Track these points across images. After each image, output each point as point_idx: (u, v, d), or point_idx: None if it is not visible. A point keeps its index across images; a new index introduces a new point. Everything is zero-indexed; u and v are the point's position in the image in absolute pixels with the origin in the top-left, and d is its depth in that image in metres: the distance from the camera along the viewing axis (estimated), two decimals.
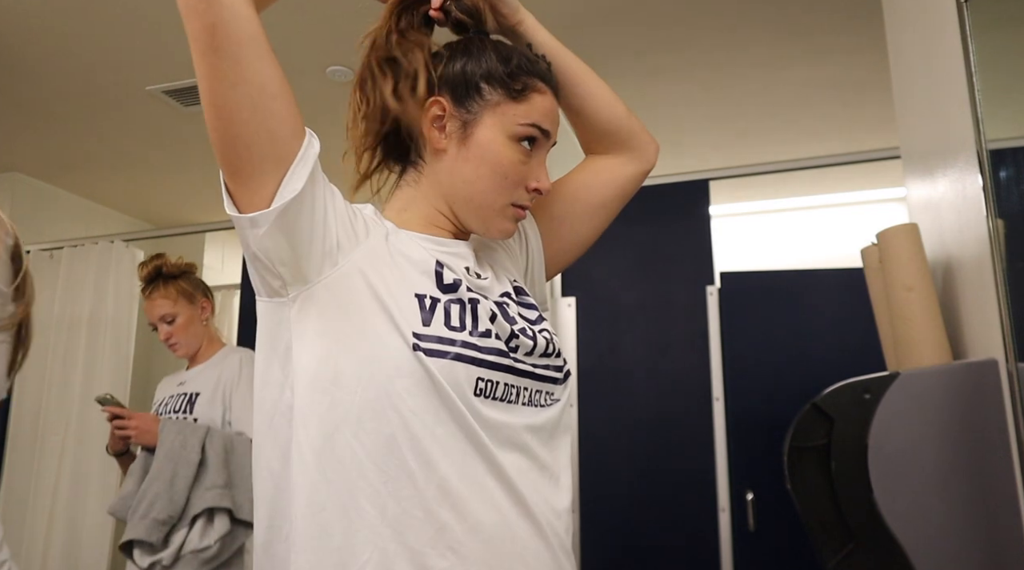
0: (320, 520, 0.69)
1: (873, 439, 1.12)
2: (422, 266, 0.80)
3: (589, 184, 1.04)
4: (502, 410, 0.76)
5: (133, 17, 2.42)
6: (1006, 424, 1.09)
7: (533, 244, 1.00)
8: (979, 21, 1.21)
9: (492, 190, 0.82)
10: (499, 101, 0.82)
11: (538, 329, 0.86)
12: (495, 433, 0.74)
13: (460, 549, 0.69)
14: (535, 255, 1.01)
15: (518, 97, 0.82)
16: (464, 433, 0.72)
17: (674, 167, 3.77)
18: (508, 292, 0.89)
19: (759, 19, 2.46)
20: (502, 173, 0.81)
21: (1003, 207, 1.16)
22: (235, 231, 0.76)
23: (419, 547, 0.68)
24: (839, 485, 1.14)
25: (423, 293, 0.76)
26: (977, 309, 1.23)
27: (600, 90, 1.00)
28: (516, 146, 0.82)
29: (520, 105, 0.82)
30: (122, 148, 3.47)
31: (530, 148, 0.82)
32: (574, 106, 1.01)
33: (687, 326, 2.38)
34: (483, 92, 0.82)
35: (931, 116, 1.46)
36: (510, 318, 0.83)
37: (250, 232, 0.71)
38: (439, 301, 0.77)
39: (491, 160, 0.81)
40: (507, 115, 0.82)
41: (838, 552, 1.13)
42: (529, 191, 0.84)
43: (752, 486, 2.16)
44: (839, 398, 1.17)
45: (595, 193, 1.03)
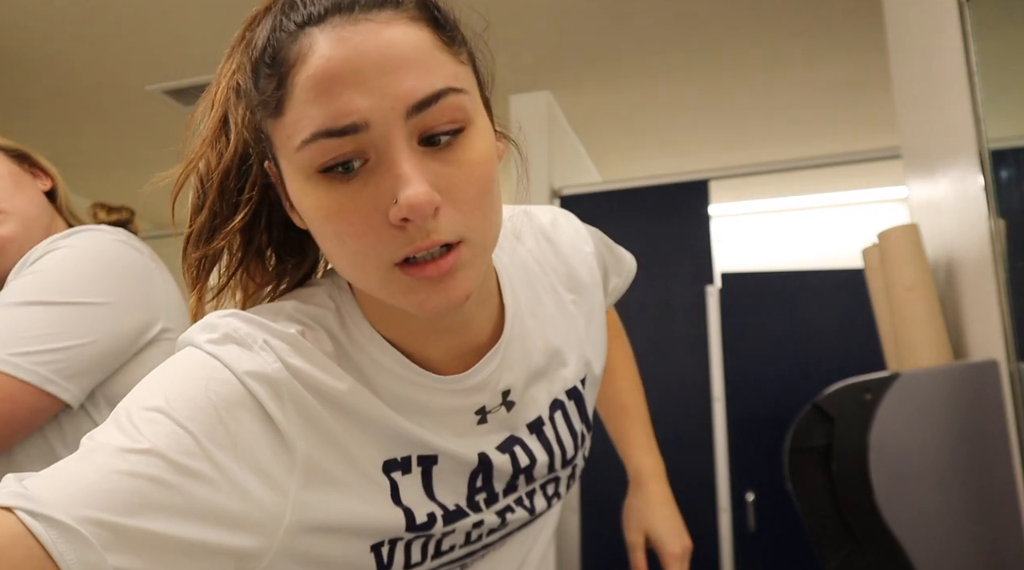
0: None
1: (874, 440, 1.12)
2: (373, 486, 0.53)
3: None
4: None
5: (133, 17, 2.42)
6: (1006, 424, 1.09)
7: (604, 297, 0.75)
8: (979, 21, 1.21)
9: (349, 264, 0.48)
10: (272, 126, 0.48)
11: (548, 482, 0.66)
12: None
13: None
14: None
15: (276, 104, 0.46)
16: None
17: (674, 167, 3.78)
18: (534, 423, 0.64)
19: (759, 19, 2.46)
20: (334, 235, 0.47)
21: (1004, 207, 1.16)
22: None
23: None
24: (840, 486, 1.13)
25: (379, 542, 0.54)
26: (978, 309, 1.22)
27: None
28: (322, 183, 0.46)
29: (285, 117, 0.46)
30: (122, 148, 3.47)
31: (346, 172, 0.45)
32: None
33: (687, 326, 2.38)
34: (258, 122, 0.50)
35: (931, 116, 1.46)
36: (510, 503, 0.63)
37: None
38: (399, 542, 0.55)
39: (316, 225, 0.48)
40: (285, 144, 0.47)
41: (838, 553, 1.13)
42: (399, 227, 0.45)
43: (752, 486, 2.16)
44: (840, 399, 1.17)
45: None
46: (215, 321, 0.50)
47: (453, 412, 0.58)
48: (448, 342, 0.56)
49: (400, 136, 0.44)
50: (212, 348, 0.49)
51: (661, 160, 3.74)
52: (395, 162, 0.44)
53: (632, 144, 3.57)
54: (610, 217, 2.58)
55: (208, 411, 0.46)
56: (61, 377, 0.80)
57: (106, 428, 0.46)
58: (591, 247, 0.73)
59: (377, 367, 0.54)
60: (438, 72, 0.45)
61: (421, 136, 0.45)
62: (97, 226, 0.92)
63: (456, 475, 0.58)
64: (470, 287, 0.48)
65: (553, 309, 0.67)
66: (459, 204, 0.46)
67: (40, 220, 0.97)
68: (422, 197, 0.43)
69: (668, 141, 3.53)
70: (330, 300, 0.56)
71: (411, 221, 0.44)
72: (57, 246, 0.86)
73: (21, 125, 3.15)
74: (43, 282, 0.83)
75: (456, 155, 0.46)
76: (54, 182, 1.03)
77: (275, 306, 0.54)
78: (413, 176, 0.44)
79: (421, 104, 0.44)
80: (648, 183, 2.59)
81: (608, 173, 3.84)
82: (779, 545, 2.10)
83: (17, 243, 0.92)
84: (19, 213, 0.94)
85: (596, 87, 2.93)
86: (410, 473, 0.55)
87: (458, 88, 0.46)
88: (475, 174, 0.47)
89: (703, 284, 2.40)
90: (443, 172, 0.46)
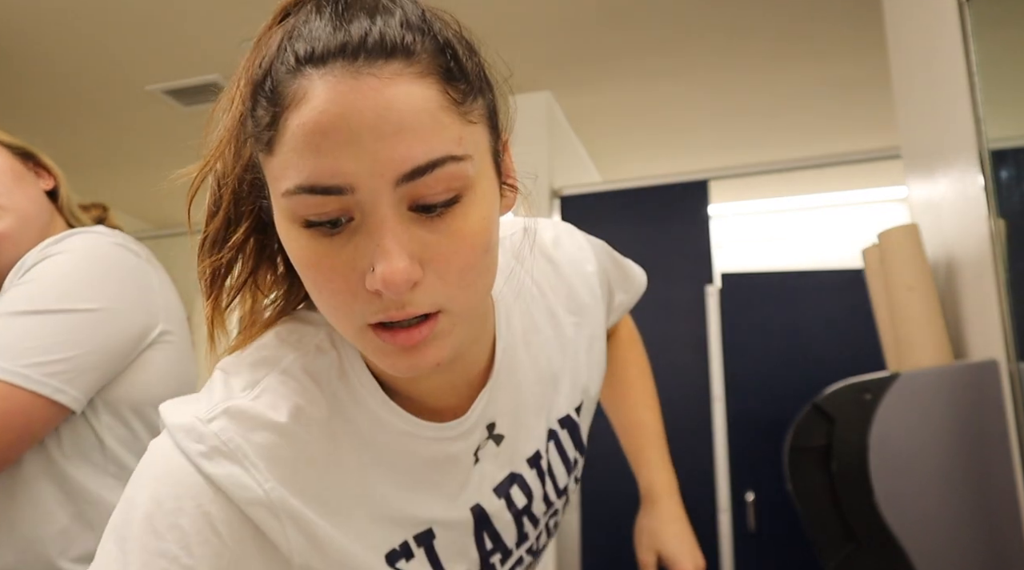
0: None
1: (874, 439, 1.12)
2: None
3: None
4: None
5: (133, 17, 2.42)
6: (1006, 424, 1.09)
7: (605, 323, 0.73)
8: (979, 21, 1.21)
9: (325, 312, 0.47)
10: (264, 159, 0.45)
11: (540, 513, 0.65)
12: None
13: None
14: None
15: (268, 140, 0.43)
16: None
17: (674, 167, 3.78)
18: (533, 458, 0.63)
19: (759, 19, 2.46)
20: (312, 284, 0.46)
21: (1004, 207, 1.16)
22: None
23: None
24: (839, 486, 1.13)
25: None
26: (978, 309, 1.23)
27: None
28: (304, 234, 0.44)
29: (274, 157, 0.43)
30: (122, 148, 3.47)
31: (332, 228, 0.43)
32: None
33: (687, 326, 2.38)
34: (253, 147, 0.47)
35: (931, 116, 1.46)
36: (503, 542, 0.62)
37: None
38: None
39: (297, 267, 0.46)
40: (273, 182, 0.45)
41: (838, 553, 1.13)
42: (375, 293, 0.43)
43: (752, 486, 2.16)
44: (839, 398, 1.17)
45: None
46: (204, 430, 0.47)
47: (453, 460, 0.56)
48: (440, 379, 0.55)
49: (388, 203, 0.41)
50: (205, 466, 0.46)
51: (661, 160, 3.74)
52: (378, 230, 0.42)
53: (632, 144, 3.57)
54: (610, 217, 2.58)
55: (212, 542, 0.45)
56: (70, 387, 0.81)
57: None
58: (594, 266, 0.70)
59: (374, 422, 0.52)
60: (438, 138, 0.42)
61: (412, 203, 0.42)
62: (92, 229, 0.92)
63: (461, 541, 0.56)
64: (444, 355, 0.46)
65: (550, 334, 0.65)
66: (443, 275, 0.44)
67: (38, 218, 0.96)
68: (398, 276, 0.41)
69: (668, 141, 3.53)
70: (329, 337, 0.54)
71: (381, 295, 0.43)
72: (52, 252, 0.86)
73: (21, 125, 3.15)
74: (42, 290, 0.83)
75: (448, 224, 0.43)
76: (57, 182, 1.02)
77: (270, 359, 0.52)
78: (393, 250, 0.41)
79: (414, 173, 0.41)
80: (648, 183, 2.59)
81: (608, 173, 3.84)
82: (779, 545, 2.11)
83: (13, 240, 0.92)
84: (16, 209, 0.93)
85: (596, 87, 2.93)
86: (414, 558, 0.54)
87: (458, 156, 0.42)
88: (465, 245, 0.44)
89: (703, 284, 2.40)
90: (431, 241, 0.43)
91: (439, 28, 0.45)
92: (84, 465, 0.87)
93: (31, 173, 0.99)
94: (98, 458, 0.88)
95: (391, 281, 0.41)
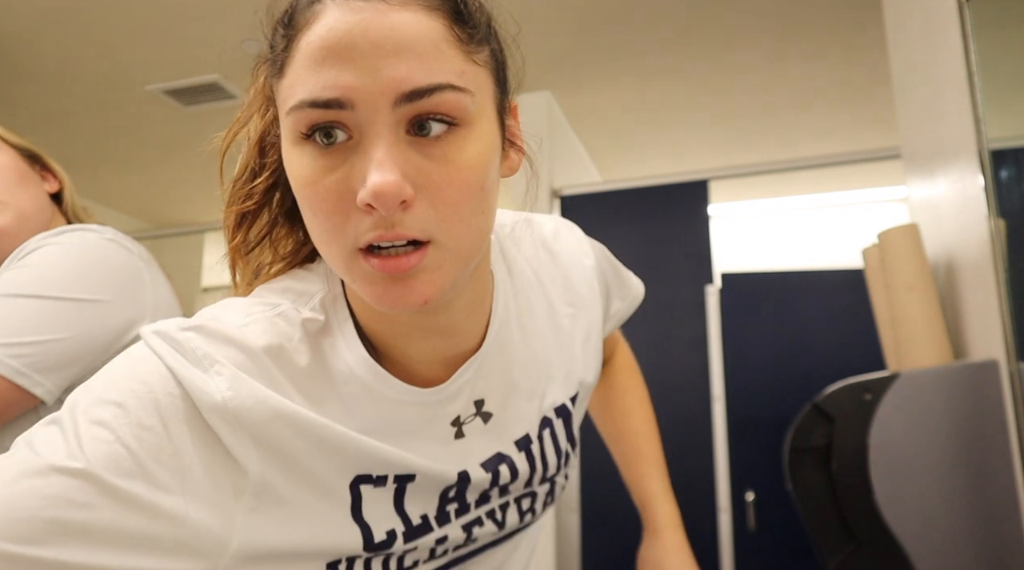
0: None
1: (874, 439, 1.12)
2: (332, 503, 0.51)
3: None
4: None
5: (133, 17, 2.42)
6: (1006, 424, 1.09)
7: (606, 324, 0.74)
8: (979, 21, 1.21)
9: (319, 240, 0.47)
10: (276, 86, 0.48)
11: (525, 495, 0.65)
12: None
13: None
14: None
15: (280, 64, 0.46)
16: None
17: (674, 167, 3.78)
18: (522, 440, 0.63)
19: (759, 19, 2.46)
20: (307, 206, 0.46)
21: (1004, 207, 1.16)
22: None
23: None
24: (839, 485, 1.13)
25: (335, 561, 0.52)
26: (978, 309, 1.22)
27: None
28: (304, 152, 0.45)
29: (284, 79, 0.46)
30: (122, 148, 3.47)
31: (326, 143, 0.44)
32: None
33: (687, 326, 2.38)
34: (270, 80, 0.49)
35: (931, 116, 1.46)
36: (486, 515, 0.62)
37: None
38: (357, 561, 0.53)
39: (295, 191, 0.47)
40: (281, 105, 0.47)
41: (839, 552, 1.13)
42: (366, 211, 0.43)
43: (752, 486, 2.16)
44: (839, 398, 1.17)
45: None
46: (176, 335, 0.47)
47: (429, 425, 0.56)
48: (433, 344, 0.54)
49: (384, 122, 0.42)
50: (171, 362, 0.46)
51: (661, 160, 3.74)
52: (373, 145, 0.42)
53: (632, 144, 3.57)
54: (610, 217, 2.58)
55: (157, 430, 0.44)
56: (33, 371, 0.80)
57: (48, 431, 0.43)
58: (592, 261, 0.71)
59: (352, 380, 0.52)
60: (441, 66, 0.43)
61: (410, 123, 0.43)
62: (89, 226, 0.93)
63: (430, 491, 0.56)
64: (432, 292, 0.46)
65: (545, 322, 0.65)
66: (435, 202, 0.44)
67: (38, 218, 0.98)
68: (389, 186, 0.41)
69: (668, 141, 3.53)
70: (320, 287, 0.55)
71: (375, 208, 0.42)
72: (47, 243, 0.87)
73: (21, 124, 3.15)
74: (25, 276, 0.84)
75: (443, 151, 0.44)
76: (61, 186, 1.04)
77: (258, 304, 0.52)
78: (386, 162, 0.42)
79: (413, 94, 0.42)
80: (648, 183, 2.59)
81: (608, 173, 3.84)
82: (779, 545, 2.10)
83: (10, 236, 0.93)
84: (16, 207, 0.95)
85: (596, 87, 2.93)
86: (383, 487, 0.54)
87: (458, 86, 0.43)
88: (459, 175, 0.44)
89: (703, 284, 2.40)
90: (424, 166, 0.43)
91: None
92: None
93: (36, 175, 1.01)
94: None
95: (381, 191, 0.41)
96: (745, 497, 2.15)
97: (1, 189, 0.95)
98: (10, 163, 0.98)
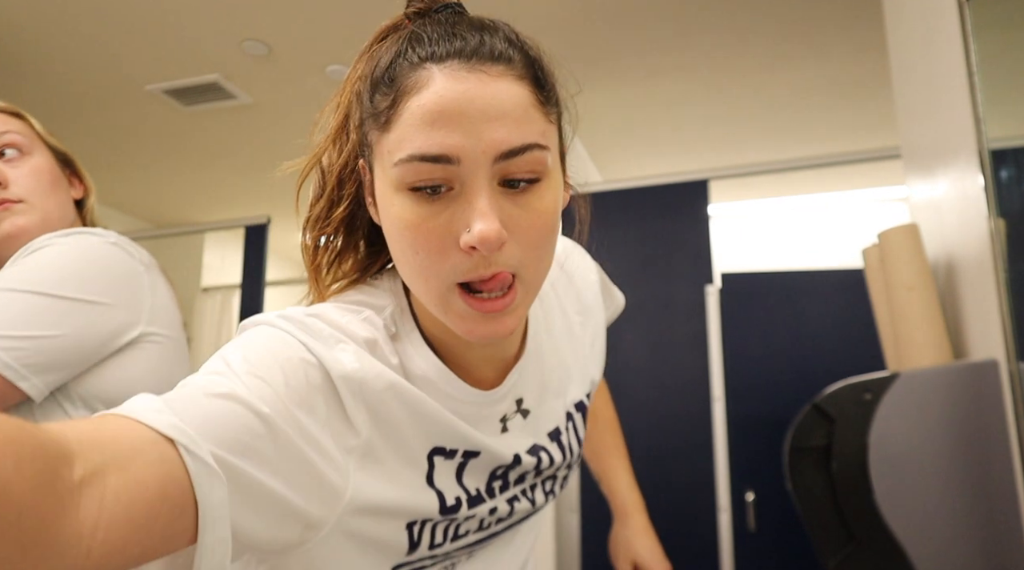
0: None
1: (873, 439, 1.12)
2: (414, 471, 0.59)
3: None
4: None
5: (133, 17, 2.42)
6: (1006, 424, 1.09)
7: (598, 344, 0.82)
8: (979, 21, 1.21)
9: (414, 274, 0.54)
10: (377, 137, 0.54)
11: (543, 480, 0.72)
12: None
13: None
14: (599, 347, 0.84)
15: (385, 120, 0.52)
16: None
17: (674, 167, 3.78)
18: (553, 432, 0.71)
19: (759, 19, 2.46)
20: (408, 245, 0.52)
21: (1004, 207, 1.16)
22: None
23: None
24: (839, 485, 1.13)
25: (413, 521, 0.59)
26: (978, 309, 1.22)
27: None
28: (409, 198, 0.51)
29: (390, 133, 0.52)
30: (122, 148, 3.47)
31: (432, 194, 0.51)
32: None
33: (687, 326, 2.38)
34: (365, 128, 0.56)
35: (931, 116, 1.46)
36: (517, 495, 0.69)
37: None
38: (428, 523, 0.61)
39: (394, 231, 0.54)
40: (383, 156, 0.53)
41: (838, 552, 1.13)
42: (466, 252, 0.51)
43: (752, 486, 2.16)
44: (839, 398, 1.17)
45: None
46: (299, 317, 0.55)
47: (483, 421, 0.64)
48: (489, 352, 0.62)
49: (484, 175, 0.50)
50: (305, 338, 0.54)
51: (661, 160, 3.74)
52: (475, 196, 0.50)
53: (632, 144, 3.57)
54: (610, 217, 2.58)
55: (302, 384, 0.51)
56: (21, 365, 0.80)
57: (215, 375, 0.50)
58: (595, 276, 0.82)
59: (426, 381, 0.60)
60: (529, 128, 0.51)
61: (502, 179, 0.51)
62: (93, 229, 0.93)
63: (483, 469, 0.64)
64: (516, 324, 0.55)
65: (562, 329, 0.74)
66: (521, 243, 0.52)
67: (60, 223, 0.99)
68: (492, 232, 0.49)
69: (668, 141, 3.53)
70: (390, 301, 0.62)
71: (478, 250, 0.50)
72: (50, 243, 0.88)
73: None
74: (24, 273, 0.84)
75: (528, 200, 0.52)
76: (86, 193, 1.07)
77: (345, 309, 0.60)
78: (488, 212, 0.50)
79: (509, 153, 0.50)
80: (648, 183, 2.59)
81: (608, 173, 3.84)
82: (779, 545, 2.11)
83: (31, 236, 0.94)
84: (43, 210, 0.97)
85: (596, 87, 2.93)
86: (452, 460, 0.61)
87: (543, 145, 0.52)
88: (540, 220, 0.52)
89: (703, 284, 2.40)
90: (514, 213, 0.51)
91: (529, 46, 0.56)
92: None
93: (65, 180, 1.04)
94: None
95: (487, 237, 0.49)
96: (745, 497, 2.15)
97: (33, 191, 0.97)
98: (46, 166, 1.01)
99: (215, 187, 4.03)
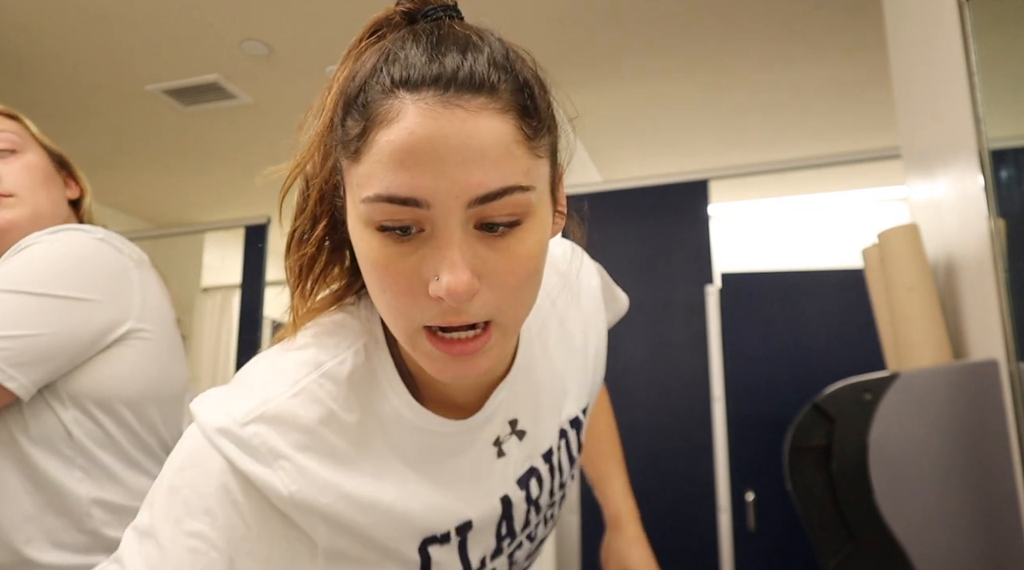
0: None
1: (873, 439, 1.12)
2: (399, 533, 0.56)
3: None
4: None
5: (133, 17, 2.42)
6: (1006, 424, 1.09)
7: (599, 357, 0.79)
8: (979, 21, 1.21)
9: (383, 309, 0.51)
10: (347, 165, 0.49)
11: (547, 510, 0.69)
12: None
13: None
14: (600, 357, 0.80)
15: (355, 150, 0.48)
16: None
17: (674, 167, 3.79)
18: (547, 453, 0.68)
19: (759, 19, 2.46)
20: (377, 283, 0.49)
21: (1004, 207, 1.16)
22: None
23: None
24: (839, 485, 1.13)
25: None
26: (978, 309, 1.22)
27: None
28: (377, 237, 0.48)
29: (360, 166, 0.47)
30: (122, 148, 3.47)
31: (403, 234, 0.47)
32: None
33: (687, 326, 2.38)
34: (336, 154, 0.52)
35: (931, 116, 1.46)
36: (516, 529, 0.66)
37: None
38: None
39: (364, 266, 0.50)
40: (354, 188, 0.48)
41: (838, 552, 1.13)
42: (435, 299, 0.47)
43: (752, 486, 2.16)
44: (839, 398, 1.17)
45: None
46: (240, 432, 0.50)
47: (472, 447, 0.60)
48: (467, 380, 0.59)
49: (457, 220, 0.46)
50: (241, 464, 0.50)
51: (661, 160, 3.74)
52: (446, 244, 0.46)
53: (632, 144, 3.57)
54: (610, 217, 2.58)
55: (241, 528, 0.49)
56: (8, 365, 0.80)
57: (143, 550, 0.49)
58: (597, 281, 0.77)
59: (400, 422, 0.56)
60: (510, 169, 0.46)
61: (479, 222, 0.47)
62: (82, 226, 0.93)
63: (487, 531, 0.61)
64: (489, 365, 0.51)
65: (559, 341, 0.69)
66: (496, 289, 0.48)
67: (52, 220, 0.99)
68: (461, 286, 0.45)
69: (668, 141, 3.53)
70: (363, 333, 0.58)
71: (444, 301, 0.46)
72: (37, 240, 0.87)
73: None
74: (10, 272, 0.84)
75: (507, 245, 0.48)
76: (82, 194, 1.07)
77: (303, 367, 0.55)
78: (458, 263, 0.45)
79: (486, 198, 0.45)
80: (648, 183, 2.59)
81: (608, 173, 3.84)
82: (779, 545, 2.11)
83: (22, 230, 0.93)
84: (33, 205, 0.97)
85: (596, 87, 2.93)
86: (448, 544, 0.58)
87: (525, 186, 0.47)
88: (519, 265, 0.48)
89: (703, 284, 2.40)
90: (489, 257, 0.47)
91: (520, 67, 0.49)
92: (52, 456, 0.87)
93: (60, 179, 1.05)
94: (66, 450, 0.87)
95: (455, 291, 0.45)
96: (745, 497, 2.15)
97: (24, 186, 0.97)
98: (38, 163, 1.01)
99: (215, 187, 4.03)
